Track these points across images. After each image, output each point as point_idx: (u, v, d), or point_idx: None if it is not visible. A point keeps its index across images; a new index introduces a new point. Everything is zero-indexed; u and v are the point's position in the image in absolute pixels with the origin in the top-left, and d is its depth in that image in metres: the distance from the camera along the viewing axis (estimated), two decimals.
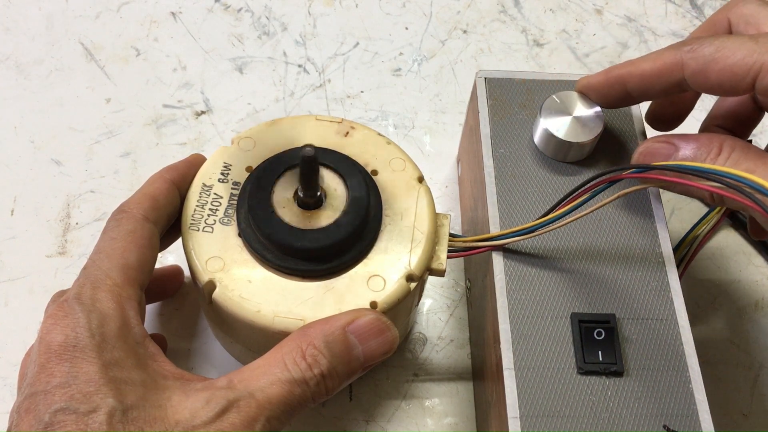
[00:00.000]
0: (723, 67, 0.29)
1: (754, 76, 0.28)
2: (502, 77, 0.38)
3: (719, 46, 0.29)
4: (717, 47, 0.29)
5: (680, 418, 0.29)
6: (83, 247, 0.43)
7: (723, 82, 0.29)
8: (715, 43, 0.29)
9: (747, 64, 0.28)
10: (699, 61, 0.30)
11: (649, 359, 0.30)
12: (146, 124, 0.48)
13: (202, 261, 0.31)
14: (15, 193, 0.45)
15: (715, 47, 0.29)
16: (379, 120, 0.49)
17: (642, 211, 0.34)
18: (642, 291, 0.32)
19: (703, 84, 0.30)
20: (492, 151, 0.36)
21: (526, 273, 0.32)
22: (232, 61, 0.51)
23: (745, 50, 0.28)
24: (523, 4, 0.55)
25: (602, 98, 0.35)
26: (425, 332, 0.41)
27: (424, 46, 0.53)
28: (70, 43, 0.51)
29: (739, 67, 0.29)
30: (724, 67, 0.29)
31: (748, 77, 0.29)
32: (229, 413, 0.26)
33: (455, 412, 0.38)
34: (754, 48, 0.28)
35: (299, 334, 0.29)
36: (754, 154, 0.29)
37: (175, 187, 0.33)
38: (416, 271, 0.32)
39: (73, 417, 0.25)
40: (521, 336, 0.31)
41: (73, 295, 0.28)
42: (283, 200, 0.32)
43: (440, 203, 0.45)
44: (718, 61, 0.29)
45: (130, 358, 0.27)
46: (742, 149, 0.29)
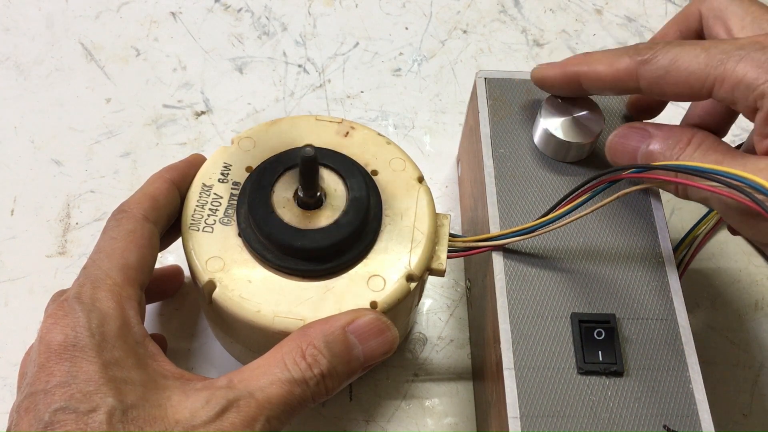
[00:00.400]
0: (678, 80, 0.29)
1: (709, 87, 0.28)
2: (502, 77, 0.38)
3: (673, 58, 0.29)
4: (671, 60, 0.29)
5: (680, 418, 0.29)
6: (83, 247, 0.43)
7: (679, 94, 0.30)
8: (668, 54, 0.29)
9: (700, 77, 0.28)
10: (653, 74, 0.30)
11: (649, 359, 0.30)
12: (146, 124, 0.48)
13: (202, 261, 0.31)
14: (15, 193, 0.45)
15: (669, 60, 0.29)
16: (379, 120, 0.49)
17: (642, 211, 0.34)
18: (642, 291, 0.32)
19: (660, 94, 0.30)
20: (492, 151, 0.36)
21: (526, 273, 0.32)
22: (232, 61, 0.51)
23: (698, 63, 0.28)
24: (523, 4, 0.55)
25: (557, 91, 0.35)
26: (425, 332, 0.41)
27: (424, 46, 0.53)
28: (70, 43, 0.51)
29: (693, 80, 0.29)
30: (679, 80, 0.29)
31: (704, 89, 0.29)
32: (229, 413, 0.26)
33: (455, 412, 0.38)
34: (706, 60, 0.28)
35: (299, 334, 0.29)
36: (723, 148, 0.29)
37: (175, 187, 0.33)
38: (416, 271, 0.32)
39: (73, 416, 0.25)
40: (521, 336, 0.31)
41: (73, 294, 0.28)
42: (283, 200, 0.32)
43: (440, 203, 0.45)
44: (672, 75, 0.29)
45: (130, 357, 0.27)
46: (711, 143, 0.30)
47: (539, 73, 0.35)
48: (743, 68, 0.27)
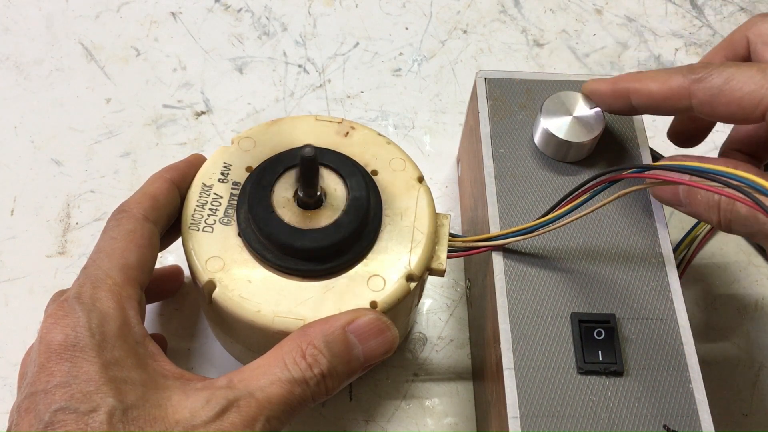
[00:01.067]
0: (731, 100, 0.29)
1: (764, 109, 0.28)
2: (502, 77, 0.38)
3: (728, 77, 0.29)
4: (725, 79, 0.29)
5: (680, 418, 0.29)
6: (83, 247, 0.43)
7: (732, 114, 0.29)
8: (723, 74, 0.29)
9: (755, 98, 0.28)
10: (707, 93, 0.29)
11: (649, 359, 0.30)
12: (146, 124, 0.48)
13: (202, 261, 0.31)
14: (15, 193, 0.45)
15: (724, 79, 0.29)
16: (379, 120, 0.49)
17: (642, 211, 0.34)
18: (642, 291, 0.32)
19: (710, 114, 0.30)
20: (492, 151, 0.36)
21: (526, 273, 0.32)
22: (232, 61, 0.51)
23: (754, 84, 0.28)
24: (523, 4, 0.55)
25: (607, 107, 0.34)
26: (425, 332, 0.41)
27: (424, 46, 0.53)
28: (70, 43, 0.51)
29: (747, 101, 0.28)
30: (732, 100, 0.29)
31: (757, 111, 0.28)
32: (229, 413, 0.26)
33: (455, 412, 0.38)
34: (762, 82, 0.28)
35: (299, 333, 0.29)
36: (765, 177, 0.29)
37: (175, 187, 0.33)
38: (416, 271, 0.32)
39: (73, 416, 0.25)
40: (521, 336, 0.31)
41: (73, 294, 0.28)
42: (283, 200, 0.32)
43: (440, 203, 0.45)
44: (726, 94, 0.29)
45: (130, 357, 0.27)
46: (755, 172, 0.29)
47: (590, 87, 0.35)
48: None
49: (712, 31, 0.55)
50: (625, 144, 0.36)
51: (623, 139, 0.37)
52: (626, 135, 0.37)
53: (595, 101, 0.35)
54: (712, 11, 0.56)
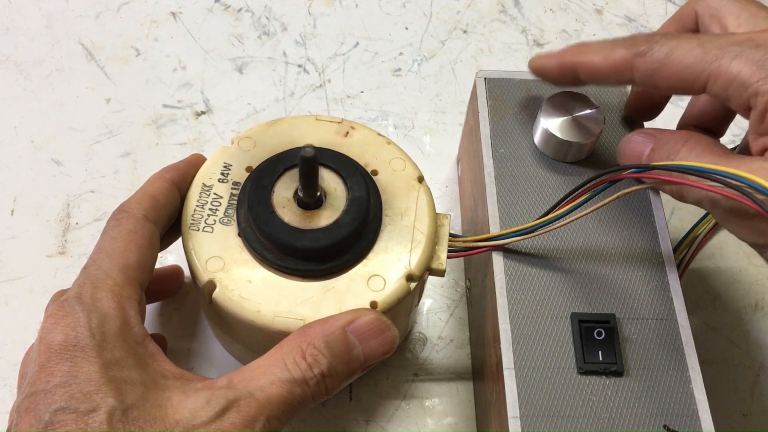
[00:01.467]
0: (671, 73, 0.29)
1: (703, 83, 0.28)
2: (502, 77, 0.38)
3: (668, 51, 0.29)
4: (666, 53, 0.29)
5: (680, 418, 0.29)
6: (83, 247, 0.43)
7: (672, 87, 0.30)
8: (664, 47, 0.29)
9: (694, 72, 0.28)
10: (648, 66, 0.30)
11: (649, 359, 0.30)
12: (146, 124, 0.48)
13: (202, 261, 0.31)
14: (15, 193, 0.45)
15: (664, 53, 0.29)
16: (379, 120, 0.49)
17: (642, 211, 0.34)
18: (642, 291, 0.32)
19: (653, 87, 0.30)
20: (492, 151, 0.36)
21: (526, 273, 0.32)
22: (232, 61, 0.51)
23: (693, 57, 0.28)
24: (523, 4, 0.55)
25: (555, 82, 0.35)
26: (425, 332, 0.41)
27: (424, 46, 0.53)
28: (70, 43, 0.51)
29: (687, 74, 0.29)
30: (673, 73, 0.29)
31: (697, 84, 0.29)
32: (230, 413, 0.26)
33: (455, 412, 0.38)
34: (701, 55, 0.28)
35: (299, 334, 0.29)
36: (718, 150, 0.29)
37: (175, 187, 0.33)
38: (416, 271, 0.32)
39: (73, 416, 0.25)
40: (521, 336, 0.31)
41: (74, 294, 0.28)
42: (283, 200, 0.32)
43: (440, 203, 0.45)
44: (666, 68, 0.29)
45: (130, 357, 0.27)
46: (706, 146, 0.30)
47: (536, 63, 0.35)
48: (737, 65, 0.27)
49: None
50: None
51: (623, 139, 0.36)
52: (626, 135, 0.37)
53: (543, 78, 0.35)
54: None
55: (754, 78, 0.27)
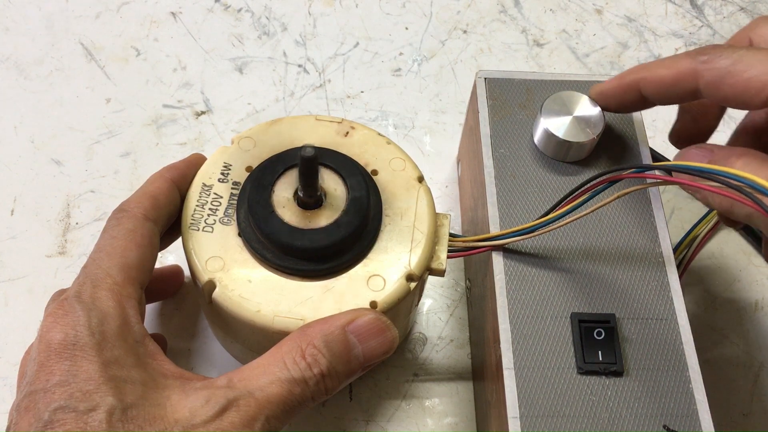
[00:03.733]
0: (737, 81, 0.29)
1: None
2: (502, 77, 0.38)
3: (736, 59, 0.29)
4: (733, 60, 0.29)
5: (680, 418, 0.29)
6: (83, 247, 0.43)
7: (737, 96, 0.29)
8: (732, 55, 0.29)
9: (762, 80, 0.28)
10: (714, 73, 0.29)
11: (649, 359, 0.30)
12: (146, 124, 0.48)
13: (202, 261, 0.31)
14: (15, 193, 0.45)
15: (732, 60, 0.29)
16: (379, 120, 0.49)
17: (642, 211, 0.34)
18: (642, 291, 0.32)
19: (716, 95, 0.30)
20: (492, 151, 0.36)
21: (526, 273, 0.32)
22: (232, 61, 0.51)
23: (762, 66, 0.28)
24: (523, 4, 0.55)
25: (617, 104, 0.34)
26: (425, 332, 0.41)
27: (424, 46, 0.53)
28: (70, 43, 0.51)
29: (753, 82, 0.28)
30: (739, 81, 0.29)
31: (763, 94, 0.28)
32: (229, 412, 0.26)
33: (455, 412, 0.38)
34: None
35: (299, 333, 0.29)
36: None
37: (175, 187, 0.33)
38: (416, 271, 0.32)
39: (73, 415, 0.25)
40: (521, 336, 0.31)
41: (73, 293, 0.28)
42: (283, 200, 0.32)
43: (440, 203, 0.45)
44: (733, 75, 0.29)
45: (129, 356, 0.27)
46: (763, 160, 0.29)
47: (596, 89, 0.35)
48: None
49: (712, 31, 0.55)
50: (625, 144, 0.36)
51: (623, 139, 0.37)
52: (626, 135, 0.37)
53: (603, 102, 0.35)
54: (712, 11, 0.56)
55: None
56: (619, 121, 0.37)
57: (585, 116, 0.35)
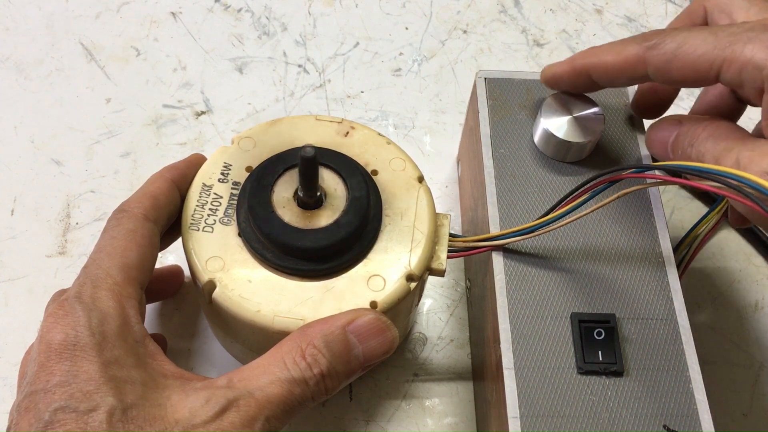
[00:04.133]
0: (685, 63, 0.29)
1: (717, 70, 0.28)
2: (502, 77, 0.38)
3: (680, 41, 0.29)
4: (678, 43, 0.29)
5: (680, 418, 0.29)
6: (83, 247, 0.43)
7: (686, 77, 0.30)
8: (677, 38, 0.29)
9: (708, 60, 0.28)
10: (661, 58, 0.30)
11: (649, 359, 0.30)
12: (146, 124, 0.48)
13: (202, 261, 0.31)
14: (15, 193, 0.45)
15: (677, 43, 0.29)
16: (379, 120, 0.49)
17: (642, 211, 0.34)
18: (642, 291, 0.32)
19: (666, 79, 0.31)
20: (492, 151, 0.36)
21: (526, 273, 0.32)
22: (232, 61, 0.51)
23: (706, 46, 0.29)
24: (523, 4, 0.55)
25: (569, 87, 0.35)
26: (425, 332, 0.41)
27: (424, 46, 0.53)
28: (70, 43, 0.51)
29: (700, 63, 0.29)
30: (686, 63, 0.29)
31: (711, 72, 0.29)
32: (229, 412, 0.26)
33: (455, 412, 0.38)
34: (714, 43, 0.28)
35: (299, 333, 0.29)
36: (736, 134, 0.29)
37: (175, 187, 0.33)
38: (416, 271, 0.32)
39: (73, 416, 0.25)
40: (521, 336, 0.31)
41: (74, 293, 0.28)
42: (283, 200, 0.32)
43: (440, 203, 0.45)
44: (679, 58, 0.29)
45: (130, 357, 0.27)
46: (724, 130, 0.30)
47: (548, 71, 0.35)
48: (751, 50, 0.27)
49: None
50: (625, 144, 0.36)
51: (623, 139, 0.37)
52: (626, 135, 0.37)
53: (555, 85, 0.35)
54: None
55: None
56: (619, 121, 0.37)
57: (585, 116, 0.35)
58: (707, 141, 0.30)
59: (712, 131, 0.30)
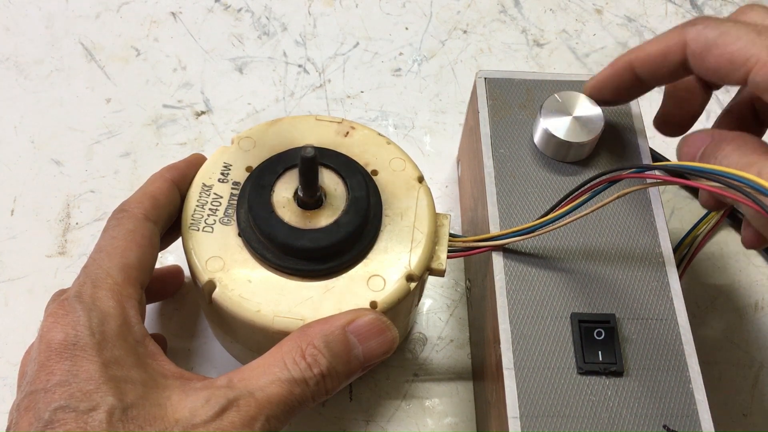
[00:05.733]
0: (722, 52, 0.29)
1: (750, 67, 0.28)
2: (502, 77, 0.38)
3: (723, 31, 0.29)
4: (720, 32, 0.29)
5: (680, 418, 0.29)
6: (83, 247, 0.43)
7: (720, 68, 0.30)
8: (719, 27, 0.30)
9: (745, 55, 0.29)
10: (701, 43, 0.30)
11: (649, 359, 0.30)
12: (146, 124, 0.48)
13: (202, 261, 0.31)
14: (15, 193, 0.45)
15: (719, 32, 0.29)
16: (379, 120, 0.49)
17: (642, 211, 0.34)
18: (642, 291, 0.32)
19: (701, 66, 0.30)
20: (492, 151, 0.36)
21: (526, 273, 0.32)
22: (232, 61, 0.51)
23: (746, 40, 0.29)
24: (523, 4, 0.55)
25: (613, 93, 0.35)
26: (425, 332, 0.41)
27: (424, 46, 0.53)
28: (70, 43, 0.51)
29: (737, 56, 0.29)
30: (724, 53, 0.29)
31: (744, 68, 0.29)
32: (229, 412, 0.26)
33: (455, 412, 0.38)
34: (755, 39, 0.28)
35: (299, 333, 0.29)
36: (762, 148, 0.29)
37: (175, 187, 0.33)
38: (416, 271, 0.32)
39: (73, 415, 0.25)
40: (521, 336, 0.31)
41: (74, 293, 0.28)
42: (283, 200, 0.32)
43: (440, 203, 0.45)
44: (719, 46, 0.29)
45: (130, 356, 0.27)
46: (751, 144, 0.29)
47: (590, 81, 0.35)
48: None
49: None
50: (625, 144, 0.36)
51: (623, 139, 0.37)
52: (626, 135, 0.37)
53: (599, 94, 0.35)
54: (712, 11, 0.56)
55: None
56: (619, 121, 0.37)
57: (585, 116, 0.35)
58: (732, 155, 0.29)
59: (738, 146, 0.30)
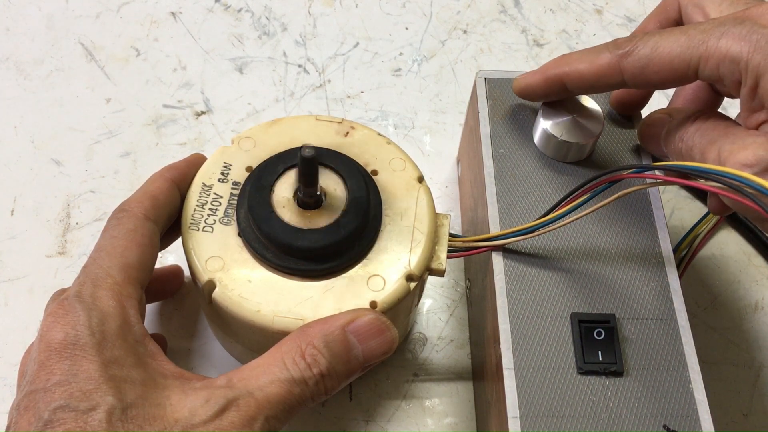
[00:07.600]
0: (661, 66, 0.29)
1: (695, 68, 0.29)
2: (502, 77, 0.38)
3: (653, 45, 0.29)
4: (652, 47, 0.29)
5: (680, 418, 0.29)
6: (83, 247, 0.43)
7: (665, 80, 0.30)
8: (649, 43, 0.30)
9: (684, 59, 0.29)
10: (636, 65, 0.30)
11: (649, 359, 0.30)
12: (146, 124, 0.48)
13: (202, 261, 0.31)
14: (15, 193, 0.45)
15: (650, 48, 0.29)
16: (379, 120, 0.49)
17: (642, 211, 0.34)
18: (642, 291, 0.32)
19: (645, 83, 0.31)
20: (492, 151, 0.36)
21: (526, 273, 0.32)
22: (232, 61, 0.51)
23: (680, 45, 0.29)
24: (523, 4, 0.55)
25: (542, 98, 0.35)
26: (425, 332, 0.41)
27: (424, 46, 0.53)
28: (70, 43, 0.51)
29: (677, 63, 0.29)
30: (663, 66, 0.29)
31: (689, 71, 0.29)
32: (229, 412, 0.26)
33: (455, 412, 0.38)
34: (687, 42, 0.29)
35: (299, 333, 0.29)
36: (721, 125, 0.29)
37: (175, 187, 0.33)
38: (416, 271, 0.32)
39: (73, 415, 0.25)
40: (521, 336, 0.30)
41: (74, 293, 0.28)
42: (283, 200, 0.32)
43: (440, 203, 0.45)
44: (655, 62, 0.29)
45: (129, 356, 0.27)
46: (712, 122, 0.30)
47: (521, 83, 0.35)
48: (726, 43, 0.28)
49: None
50: (625, 144, 0.36)
51: (623, 139, 0.37)
52: (626, 135, 0.37)
53: (528, 96, 0.35)
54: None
55: (743, 52, 0.27)
56: (619, 121, 0.37)
57: (585, 116, 0.35)
58: (695, 135, 0.30)
59: (699, 125, 0.30)
